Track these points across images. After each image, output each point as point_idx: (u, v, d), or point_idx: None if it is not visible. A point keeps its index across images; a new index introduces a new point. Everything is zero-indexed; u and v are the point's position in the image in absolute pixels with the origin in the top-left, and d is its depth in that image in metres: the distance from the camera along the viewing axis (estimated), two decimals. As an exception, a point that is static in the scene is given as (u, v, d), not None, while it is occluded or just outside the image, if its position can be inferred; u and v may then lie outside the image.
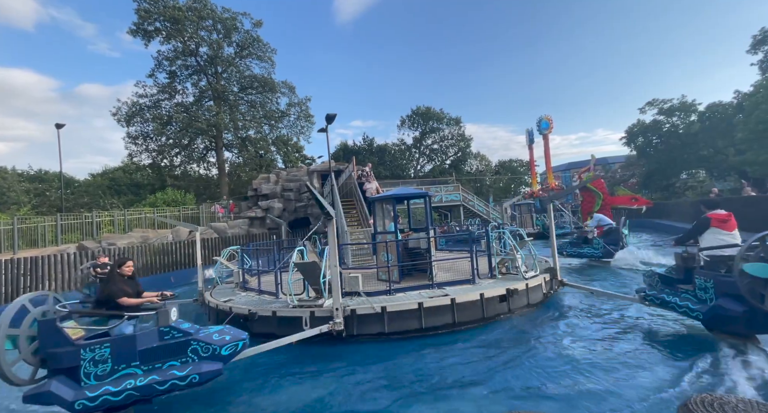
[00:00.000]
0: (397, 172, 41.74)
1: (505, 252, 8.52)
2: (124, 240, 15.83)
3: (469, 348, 5.57)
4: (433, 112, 43.32)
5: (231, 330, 4.49)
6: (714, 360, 4.49)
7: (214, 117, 29.14)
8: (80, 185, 31.40)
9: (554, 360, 4.92)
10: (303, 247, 7.69)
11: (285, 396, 4.50)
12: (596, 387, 4.13)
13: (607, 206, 15.17)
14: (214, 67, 30.67)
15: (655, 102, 26.92)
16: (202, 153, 33.25)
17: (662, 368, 4.49)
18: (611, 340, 5.49)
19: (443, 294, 6.67)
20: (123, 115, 29.35)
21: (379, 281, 8.09)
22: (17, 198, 24.16)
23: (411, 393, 4.33)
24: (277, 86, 32.52)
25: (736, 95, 22.74)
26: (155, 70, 30.10)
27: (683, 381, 4.10)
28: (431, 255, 7.82)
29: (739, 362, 4.39)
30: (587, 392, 4.04)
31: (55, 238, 15.38)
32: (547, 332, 6.06)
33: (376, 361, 5.34)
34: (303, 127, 34.97)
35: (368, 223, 12.05)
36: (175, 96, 30.90)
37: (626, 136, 29.39)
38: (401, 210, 11.30)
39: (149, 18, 27.42)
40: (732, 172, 24.22)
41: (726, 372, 4.21)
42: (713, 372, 4.24)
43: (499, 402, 4.00)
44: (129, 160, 31.45)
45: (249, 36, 31.22)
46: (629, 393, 3.95)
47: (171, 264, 15.59)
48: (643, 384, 4.11)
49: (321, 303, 6.35)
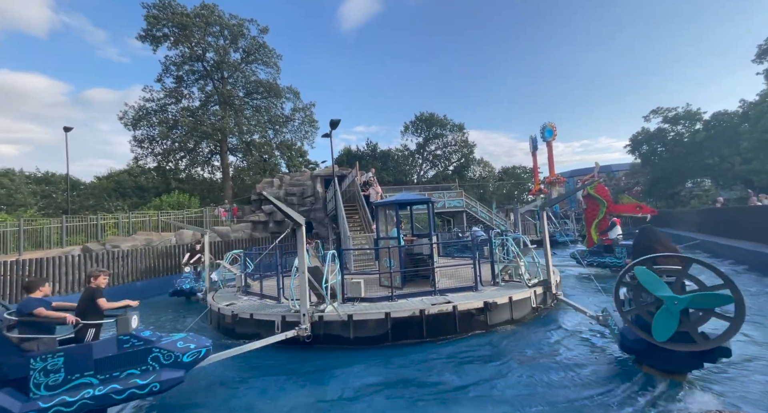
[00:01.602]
0: (400, 177, 41.78)
1: (509, 260, 8.47)
2: (127, 242, 15.91)
3: (470, 356, 5.52)
4: (436, 118, 43.48)
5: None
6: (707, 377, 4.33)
7: (220, 121, 29.44)
8: (86, 188, 31.69)
9: (540, 377, 4.71)
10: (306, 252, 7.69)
11: (282, 401, 4.47)
12: (595, 402, 3.97)
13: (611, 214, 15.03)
14: (221, 72, 31.06)
15: (660, 110, 26.86)
16: (206, 157, 33.53)
17: (646, 389, 4.09)
18: (599, 360, 5.16)
19: (446, 301, 6.63)
20: (129, 118, 29.72)
21: (381, 287, 8.06)
22: (24, 200, 24.42)
23: (412, 401, 4.28)
24: (282, 91, 32.84)
25: (741, 104, 22.65)
26: (163, 74, 30.56)
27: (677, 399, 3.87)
28: (434, 262, 7.79)
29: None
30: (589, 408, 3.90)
31: (60, 240, 15.48)
32: (546, 342, 5.96)
33: (376, 367, 5.30)
34: (307, 132, 35.21)
35: (371, 228, 12.04)
36: (182, 100, 31.29)
37: (630, 143, 29.29)
38: (404, 215, 11.29)
39: (158, 24, 27.90)
40: (738, 181, 24.04)
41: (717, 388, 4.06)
42: (707, 388, 4.08)
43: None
44: (134, 163, 31.77)
45: (255, 42, 31.63)
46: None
47: (174, 267, 15.62)
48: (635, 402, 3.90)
49: (323, 308, 6.33)
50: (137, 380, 3.88)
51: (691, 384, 4.15)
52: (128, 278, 13.74)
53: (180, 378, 4.10)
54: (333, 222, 18.62)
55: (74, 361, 3.75)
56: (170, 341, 4.25)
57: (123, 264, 13.72)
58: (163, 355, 4.07)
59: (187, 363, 4.18)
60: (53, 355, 3.69)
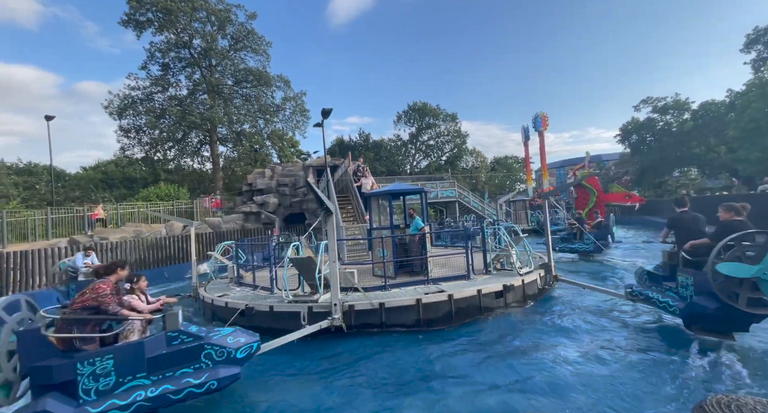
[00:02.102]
0: (392, 167, 41.66)
1: (500, 249, 8.56)
2: (116, 234, 15.64)
3: (465, 343, 5.61)
4: (429, 108, 43.18)
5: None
6: (714, 359, 4.51)
7: (209, 111, 28.74)
8: (71, 178, 30.88)
9: (555, 357, 4.90)
10: (298, 243, 7.66)
11: (291, 393, 4.46)
12: (602, 385, 4.09)
13: (601, 203, 15.28)
14: (208, 60, 30.19)
15: (650, 100, 27.12)
16: (196, 147, 32.85)
17: (663, 366, 4.46)
18: (609, 337, 5.50)
19: (438, 290, 6.70)
20: (115, 107, 28.83)
21: (374, 277, 8.10)
22: (6, 191, 23.71)
23: (410, 388, 4.35)
24: (272, 80, 32.12)
25: (728, 94, 22.97)
26: (147, 62, 29.55)
27: (687, 380, 4.08)
28: (427, 252, 7.83)
29: (735, 360, 4.40)
30: (593, 391, 3.98)
31: (46, 232, 15.14)
32: (544, 328, 6.09)
33: (374, 356, 5.36)
34: (298, 121, 34.62)
35: (364, 219, 12.03)
36: (169, 89, 30.40)
37: (621, 133, 29.61)
38: (397, 206, 11.28)
39: (141, 8, 26.85)
40: (723, 170, 24.56)
41: (727, 370, 4.23)
42: (715, 371, 4.24)
43: (498, 398, 4.01)
44: (121, 153, 30.95)
45: (243, 28, 30.73)
46: (634, 392, 3.92)
47: (165, 259, 15.44)
48: (648, 383, 4.08)
49: (316, 298, 6.34)
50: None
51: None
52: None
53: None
54: (325, 213, 18.54)
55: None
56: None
57: (112, 257, 13.52)
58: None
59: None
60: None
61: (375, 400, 4.14)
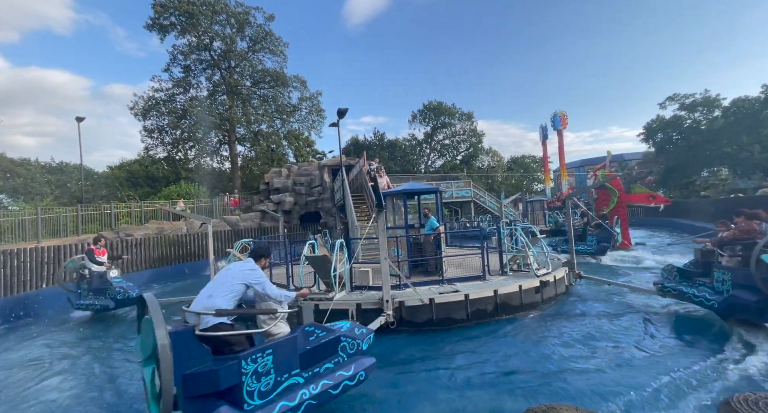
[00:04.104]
0: (407, 167, 41.53)
1: (517, 250, 8.43)
2: (140, 231, 16.25)
3: (488, 342, 5.64)
4: (444, 107, 42.79)
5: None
6: (742, 355, 4.56)
7: (227, 111, 29.45)
8: (99, 177, 32.29)
9: (583, 353, 5.01)
10: (314, 241, 7.76)
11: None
12: (629, 380, 4.12)
13: (623, 204, 14.78)
14: (228, 62, 30.94)
15: (677, 97, 25.98)
16: (215, 147, 33.73)
17: (690, 360, 4.51)
18: (634, 334, 5.63)
19: (453, 289, 6.66)
20: (140, 109, 29.98)
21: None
22: (40, 189, 25.02)
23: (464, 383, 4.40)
24: (288, 80, 32.62)
25: (763, 89, 21.77)
26: (170, 64, 30.57)
27: (715, 376, 4.08)
28: (441, 252, 7.79)
29: (763, 358, 4.39)
30: (621, 385, 4.01)
31: (76, 228, 15.89)
32: (572, 326, 6.15)
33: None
34: (314, 121, 35.05)
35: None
36: (189, 90, 31.36)
37: (645, 132, 28.50)
38: (411, 205, 11.26)
39: (165, 12, 27.77)
40: (757, 170, 23.30)
41: (754, 367, 4.20)
42: (740, 367, 4.24)
43: (525, 396, 4.01)
44: (145, 152, 32.15)
45: (261, 30, 31.31)
46: (662, 387, 3.91)
47: (185, 255, 15.94)
48: (675, 378, 4.08)
49: (331, 296, 6.42)
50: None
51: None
52: (142, 266, 14.09)
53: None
54: (341, 212, 18.68)
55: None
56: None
57: (137, 252, 14.06)
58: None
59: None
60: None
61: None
